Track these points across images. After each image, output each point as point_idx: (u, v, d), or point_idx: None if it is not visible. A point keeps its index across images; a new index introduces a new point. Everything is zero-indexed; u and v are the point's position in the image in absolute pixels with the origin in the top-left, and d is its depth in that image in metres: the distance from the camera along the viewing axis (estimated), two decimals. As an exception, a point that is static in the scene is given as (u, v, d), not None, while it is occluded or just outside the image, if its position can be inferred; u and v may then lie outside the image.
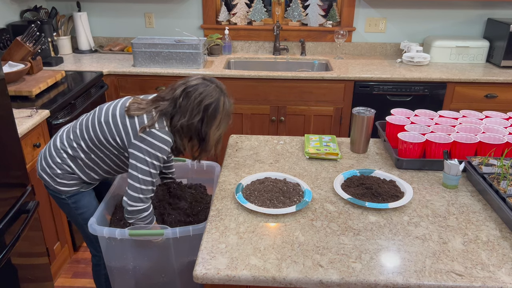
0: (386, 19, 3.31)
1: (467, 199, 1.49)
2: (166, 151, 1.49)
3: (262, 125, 3.00)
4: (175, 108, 1.48)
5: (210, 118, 1.49)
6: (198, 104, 1.47)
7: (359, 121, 1.79)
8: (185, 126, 1.48)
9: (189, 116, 1.47)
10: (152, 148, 1.46)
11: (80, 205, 1.68)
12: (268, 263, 1.17)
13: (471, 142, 1.67)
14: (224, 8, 3.34)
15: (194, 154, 1.61)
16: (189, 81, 1.52)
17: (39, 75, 2.52)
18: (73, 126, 1.64)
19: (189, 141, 1.55)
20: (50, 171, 1.62)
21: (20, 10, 3.04)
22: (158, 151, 1.47)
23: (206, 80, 1.53)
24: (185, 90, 1.49)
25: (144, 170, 1.47)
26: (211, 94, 1.49)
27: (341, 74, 2.84)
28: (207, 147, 1.55)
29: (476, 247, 1.24)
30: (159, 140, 1.46)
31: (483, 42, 3.13)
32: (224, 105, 1.52)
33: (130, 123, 1.50)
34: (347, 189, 1.52)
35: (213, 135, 1.53)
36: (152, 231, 1.54)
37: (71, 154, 1.59)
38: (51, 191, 1.67)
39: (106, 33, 3.45)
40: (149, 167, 1.47)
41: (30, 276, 1.83)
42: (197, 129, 1.50)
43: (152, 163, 1.47)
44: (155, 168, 1.48)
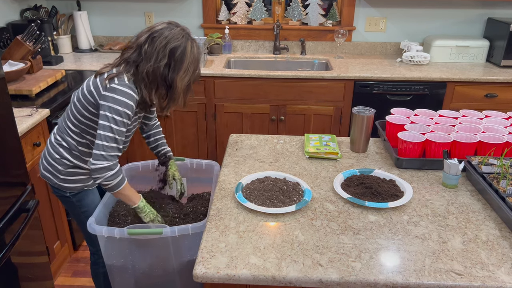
0: (386, 18, 3.31)
1: (466, 199, 1.49)
2: (128, 105, 1.44)
3: (262, 125, 3.01)
4: (141, 55, 1.44)
5: (176, 62, 1.44)
6: (163, 47, 1.42)
7: (359, 120, 1.79)
8: (151, 72, 1.43)
9: (155, 61, 1.42)
10: (112, 103, 1.42)
11: (84, 203, 1.68)
12: (268, 262, 1.17)
13: (471, 142, 1.67)
14: (224, 7, 3.34)
15: (162, 104, 1.56)
16: (154, 27, 1.47)
17: (39, 74, 2.52)
18: (61, 118, 1.66)
19: (156, 91, 1.49)
20: (52, 168, 1.63)
21: (20, 9, 3.03)
22: (118, 105, 1.42)
23: (172, 24, 1.48)
24: (150, 36, 1.44)
25: (105, 126, 1.42)
26: (177, 37, 1.43)
27: (341, 74, 2.84)
28: (174, 94, 1.50)
29: (476, 246, 1.24)
30: (119, 93, 1.42)
31: (483, 42, 3.13)
32: (192, 49, 1.47)
33: (94, 85, 1.48)
34: (347, 189, 1.52)
35: (180, 81, 1.47)
36: (151, 230, 1.54)
37: (66, 146, 1.60)
38: (56, 189, 1.67)
39: (106, 32, 3.45)
40: (110, 123, 1.42)
41: (30, 275, 1.83)
42: (164, 75, 1.45)
43: (113, 118, 1.42)
44: (116, 124, 1.43)
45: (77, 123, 1.56)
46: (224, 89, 2.90)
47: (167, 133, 3.05)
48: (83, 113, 1.53)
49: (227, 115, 2.98)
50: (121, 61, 1.50)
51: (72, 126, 1.57)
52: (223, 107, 2.94)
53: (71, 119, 1.57)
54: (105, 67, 1.52)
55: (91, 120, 1.54)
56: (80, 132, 1.58)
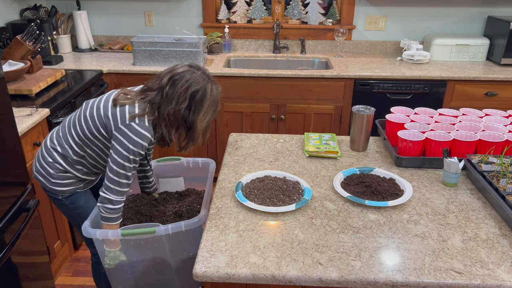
0: (386, 17, 3.30)
1: (466, 197, 1.49)
2: (143, 146, 1.48)
3: (262, 124, 3.00)
4: (162, 97, 1.47)
5: (197, 105, 1.47)
6: (184, 91, 1.45)
7: (359, 119, 1.79)
8: (172, 114, 1.46)
9: (176, 104, 1.45)
10: (128, 142, 1.45)
11: (78, 205, 1.68)
12: (268, 261, 1.17)
13: (471, 140, 1.67)
14: (224, 6, 3.34)
15: (181, 144, 1.59)
16: (175, 69, 1.50)
17: (39, 74, 2.52)
18: (63, 125, 1.65)
19: (176, 131, 1.53)
20: (44, 171, 1.63)
21: (20, 9, 3.03)
22: (134, 145, 1.46)
23: (193, 67, 1.51)
24: (171, 78, 1.47)
25: (119, 162, 1.47)
26: (198, 81, 1.47)
27: (341, 72, 2.84)
28: (194, 135, 1.53)
29: (476, 245, 1.24)
30: (136, 134, 1.45)
31: (483, 40, 3.13)
32: (212, 92, 1.50)
33: (112, 114, 1.49)
34: (347, 187, 1.52)
35: (200, 123, 1.50)
36: (144, 229, 1.54)
37: (60, 152, 1.60)
38: (48, 192, 1.68)
39: (106, 31, 3.45)
40: (124, 160, 1.47)
41: (30, 275, 1.83)
42: (184, 117, 1.48)
43: (127, 157, 1.46)
44: (129, 162, 1.47)
45: (82, 136, 1.57)
46: (224, 88, 2.90)
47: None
48: (92, 131, 1.55)
49: (227, 114, 2.98)
50: (144, 98, 1.50)
51: (75, 136, 1.58)
52: (223, 106, 2.95)
53: (77, 130, 1.58)
54: (125, 97, 1.52)
55: (98, 139, 1.56)
56: (82, 145, 1.59)
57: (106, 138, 1.55)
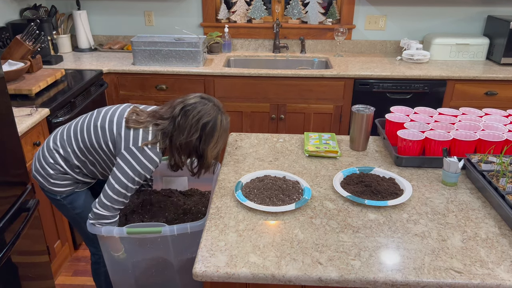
0: (386, 16, 3.30)
1: (466, 197, 1.49)
2: (150, 170, 1.52)
3: (262, 123, 3.01)
4: (174, 127, 1.51)
5: (207, 136, 1.51)
6: (196, 122, 1.49)
7: (359, 119, 1.79)
8: (184, 144, 1.51)
9: (187, 135, 1.49)
10: (137, 164, 1.49)
11: (76, 205, 1.69)
12: (268, 261, 1.17)
13: (471, 140, 1.67)
14: (223, 6, 3.34)
15: (194, 170, 1.65)
16: (187, 100, 1.54)
17: (39, 74, 2.52)
18: (68, 127, 1.65)
19: (187, 158, 1.59)
20: (43, 172, 1.63)
21: (19, 9, 3.03)
22: (142, 168, 1.49)
23: (204, 98, 1.55)
24: (183, 108, 1.51)
25: (122, 182, 1.49)
26: (209, 113, 1.51)
27: (341, 72, 2.84)
28: (205, 163, 1.58)
29: (475, 244, 1.24)
30: (147, 158, 1.49)
31: (483, 40, 3.13)
32: (222, 123, 1.55)
33: (125, 134, 1.51)
34: (347, 187, 1.52)
35: (211, 152, 1.55)
36: (150, 228, 1.55)
37: (62, 155, 1.61)
38: (46, 192, 1.68)
39: (106, 31, 3.45)
40: (128, 181, 1.49)
41: (30, 274, 1.83)
42: (195, 147, 1.52)
43: (132, 178, 1.49)
44: (133, 183, 1.51)
45: (88, 145, 1.58)
46: (224, 88, 2.90)
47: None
48: (100, 142, 1.56)
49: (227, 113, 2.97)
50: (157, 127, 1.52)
51: (81, 142, 1.59)
52: (223, 106, 2.93)
53: (83, 137, 1.58)
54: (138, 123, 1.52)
55: (103, 151, 1.58)
56: (85, 152, 1.60)
57: (111, 152, 1.57)
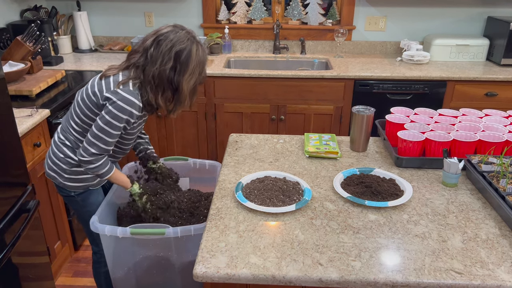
0: (386, 17, 3.31)
1: (466, 197, 1.49)
2: (132, 113, 1.47)
3: (262, 124, 3.01)
4: (147, 59, 1.46)
5: (182, 65, 1.46)
6: (168, 50, 1.44)
7: (359, 119, 1.79)
8: (157, 75, 1.45)
9: (160, 64, 1.44)
10: (115, 108, 1.45)
11: (88, 202, 1.69)
12: (268, 262, 1.17)
13: (471, 141, 1.67)
14: (224, 7, 3.34)
15: (169, 107, 1.58)
16: (159, 30, 1.49)
17: (39, 75, 2.52)
18: (63, 118, 1.68)
19: (162, 94, 1.51)
20: (56, 168, 1.64)
21: (20, 10, 3.04)
22: (118, 110, 1.45)
23: (177, 27, 1.50)
24: (156, 39, 1.46)
25: (101, 127, 1.46)
26: (182, 40, 1.45)
27: (341, 73, 2.84)
28: (181, 97, 1.52)
29: (476, 245, 1.24)
30: (122, 100, 1.45)
31: (483, 40, 3.13)
32: (197, 52, 1.48)
33: (99, 87, 1.49)
34: (347, 188, 1.52)
35: (186, 84, 1.49)
36: (154, 230, 1.55)
37: (69, 145, 1.61)
38: (61, 188, 1.69)
39: (106, 32, 3.45)
40: (106, 125, 1.46)
41: (31, 275, 1.83)
42: (170, 78, 1.47)
43: (109, 121, 1.46)
44: (112, 128, 1.47)
45: (79, 122, 1.57)
46: (224, 89, 2.90)
47: (167, 133, 3.05)
48: (86, 113, 1.55)
49: (227, 114, 2.98)
50: (129, 65, 1.50)
51: (74, 125, 1.59)
52: (223, 106, 2.95)
53: (74, 118, 1.59)
54: (110, 70, 1.52)
55: (93, 120, 1.55)
56: (83, 132, 1.59)
57: None
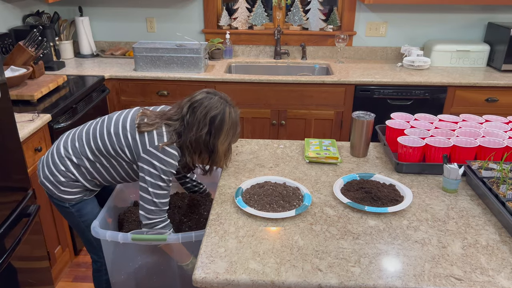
0: (387, 23, 3.32)
1: (466, 203, 1.49)
2: (173, 165, 1.51)
3: (262, 129, 3.01)
4: (184, 127, 1.52)
5: (217, 129, 1.52)
6: (204, 117, 1.50)
7: (359, 125, 1.80)
8: (194, 141, 1.51)
9: (196, 130, 1.50)
10: (159, 162, 1.48)
11: (83, 213, 1.68)
12: (267, 267, 1.17)
13: (471, 146, 1.67)
14: (225, 12, 3.36)
15: (205, 168, 1.65)
16: (193, 97, 1.55)
17: (41, 80, 2.53)
18: (79, 134, 1.64)
19: (199, 156, 1.58)
20: (53, 178, 1.62)
21: (22, 15, 3.06)
22: (165, 165, 1.49)
23: (210, 93, 1.56)
24: (190, 106, 1.52)
25: (153, 183, 1.49)
26: (216, 106, 1.52)
27: (341, 78, 2.85)
28: (216, 158, 1.57)
29: (476, 251, 1.24)
30: (166, 154, 1.49)
31: (484, 46, 3.13)
32: (230, 115, 1.54)
33: (140, 138, 1.52)
34: (347, 193, 1.52)
35: (221, 146, 1.55)
36: (155, 236, 1.54)
37: (75, 162, 1.60)
38: (54, 199, 1.67)
39: (108, 37, 3.47)
40: (157, 180, 1.49)
41: (31, 280, 1.83)
42: (205, 142, 1.52)
43: (159, 176, 1.49)
44: (163, 182, 1.50)
45: (103, 151, 1.58)
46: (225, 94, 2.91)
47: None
48: (116, 149, 1.56)
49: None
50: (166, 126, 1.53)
51: (96, 150, 1.58)
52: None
53: (98, 145, 1.58)
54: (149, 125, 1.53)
55: (120, 156, 1.57)
56: (101, 158, 1.59)
57: (129, 158, 1.56)
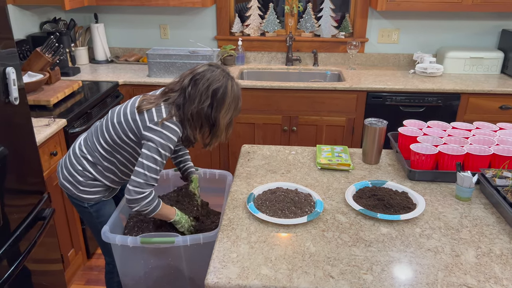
0: (399, 30, 3.31)
1: (480, 212, 1.48)
2: (173, 140, 1.51)
3: (274, 135, 3.02)
4: (185, 98, 1.52)
5: (219, 102, 1.52)
6: (206, 89, 1.50)
7: (371, 132, 1.79)
8: (195, 113, 1.51)
9: (198, 103, 1.50)
10: (159, 137, 1.49)
11: (101, 214, 1.71)
12: (279, 273, 1.17)
13: (485, 154, 1.65)
14: (237, 19, 3.39)
15: (205, 141, 1.63)
16: (195, 69, 1.55)
17: (57, 85, 2.58)
18: (89, 133, 1.69)
19: (200, 130, 1.57)
20: (72, 179, 1.66)
21: (40, 22, 3.12)
22: (165, 139, 1.49)
23: (212, 65, 1.56)
24: (192, 78, 1.52)
25: (149, 156, 1.49)
26: (218, 79, 1.52)
27: (353, 85, 2.85)
28: (217, 132, 1.58)
29: (489, 260, 1.23)
30: (167, 129, 1.49)
31: (498, 53, 3.11)
32: (232, 88, 1.55)
33: (140, 118, 1.53)
34: (359, 200, 1.52)
35: (223, 119, 1.55)
36: (163, 239, 1.56)
37: (91, 160, 1.64)
38: (74, 199, 1.70)
39: (122, 44, 3.52)
40: (153, 153, 1.49)
41: (44, 283, 1.86)
42: (207, 115, 1.52)
43: (157, 150, 1.49)
44: (160, 156, 1.50)
45: (111, 143, 1.61)
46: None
47: (180, 143, 3.08)
48: (121, 136, 1.58)
49: (239, 125, 3.00)
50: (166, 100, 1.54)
51: (104, 144, 1.62)
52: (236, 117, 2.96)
53: (105, 137, 1.61)
54: (149, 103, 1.55)
55: (127, 143, 1.60)
56: (112, 151, 1.62)
57: (135, 142, 1.58)
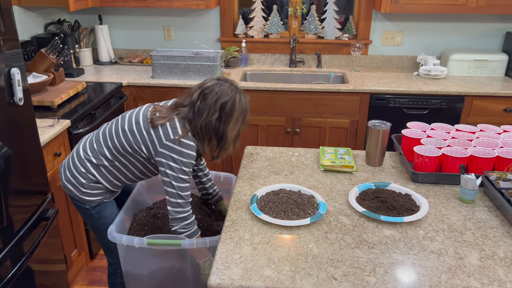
0: (403, 32, 3.31)
1: (484, 214, 1.47)
2: (192, 156, 1.52)
3: (277, 137, 3.02)
4: (195, 112, 1.53)
5: (227, 115, 1.53)
6: (214, 103, 1.51)
7: (375, 134, 1.79)
8: (204, 126, 1.52)
9: (207, 116, 1.51)
10: (178, 155, 1.50)
11: (103, 215, 1.71)
12: (282, 275, 1.17)
13: (489, 157, 1.65)
14: (241, 21, 3.40)
15: (214, 153, 1.64)
16: (204, 84, 1.57)
17: (61, 86, 2.59)
18: (96, 135, 1.68)
19: (208, 143, 1.58)
20: (75, 181, 1.66)
21: (44, 23, 3.14)
22: (185, 157, 1.51)
23: (221, 80, 1.58)
24: (201, 92, 1.54)
25: (175, 176, 1.51)
26: (227, 92, 1.53)
27: (357, 87, 2.84)
28: (225, 145, 1.58)
29: (493, 263, 1.22)
30: (185, 146, 1.51)
31: (502, 56, 3.10)
32: (240, 102, 1.56)
33: (155, 133, 1.54)
34: (362, 202, 1.52)
35: (231, 132, 1.56)
36: (170, 241, 1.56)
37: (94, 163, 1.63)
38: (76, 201, 1.70)
39: (126, 45, 3.54)
40: (178, 174, 1.51)
41: (48, 283, 1.86)
42: (215, 128, 1.53)
43: (180, 169, 1.51)
44: (185, 174, 1.52)
45: (120, 150, 1.60)
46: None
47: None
48: (132, 145, 1.58)
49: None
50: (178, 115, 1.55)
51: (113, 149, 1.61)
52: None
53: (114, 143, 1.61)
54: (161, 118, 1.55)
55: (137, 153, 1.59)
56: (119, 157, 1.62)
57: (145, 154, 1.58)
